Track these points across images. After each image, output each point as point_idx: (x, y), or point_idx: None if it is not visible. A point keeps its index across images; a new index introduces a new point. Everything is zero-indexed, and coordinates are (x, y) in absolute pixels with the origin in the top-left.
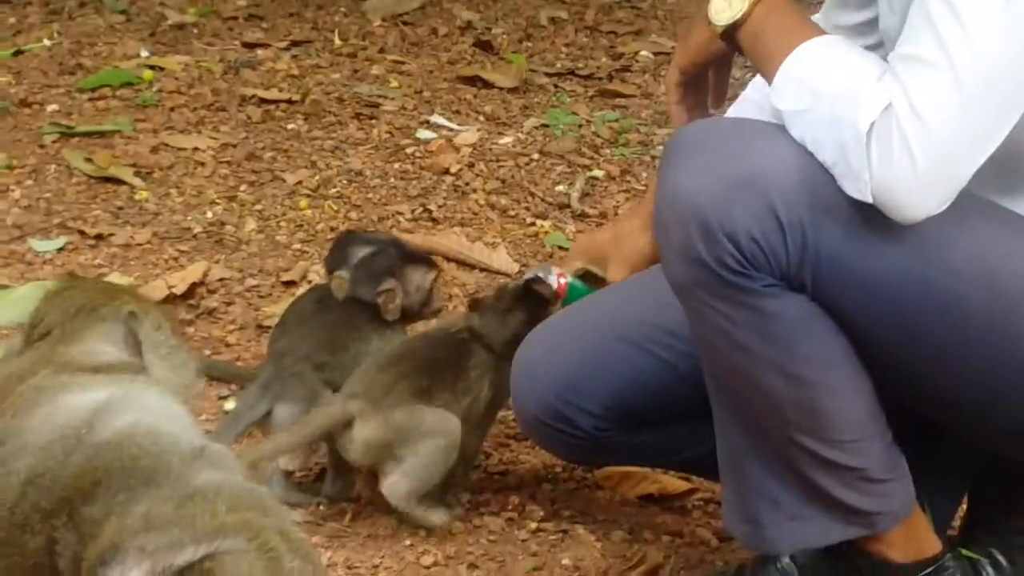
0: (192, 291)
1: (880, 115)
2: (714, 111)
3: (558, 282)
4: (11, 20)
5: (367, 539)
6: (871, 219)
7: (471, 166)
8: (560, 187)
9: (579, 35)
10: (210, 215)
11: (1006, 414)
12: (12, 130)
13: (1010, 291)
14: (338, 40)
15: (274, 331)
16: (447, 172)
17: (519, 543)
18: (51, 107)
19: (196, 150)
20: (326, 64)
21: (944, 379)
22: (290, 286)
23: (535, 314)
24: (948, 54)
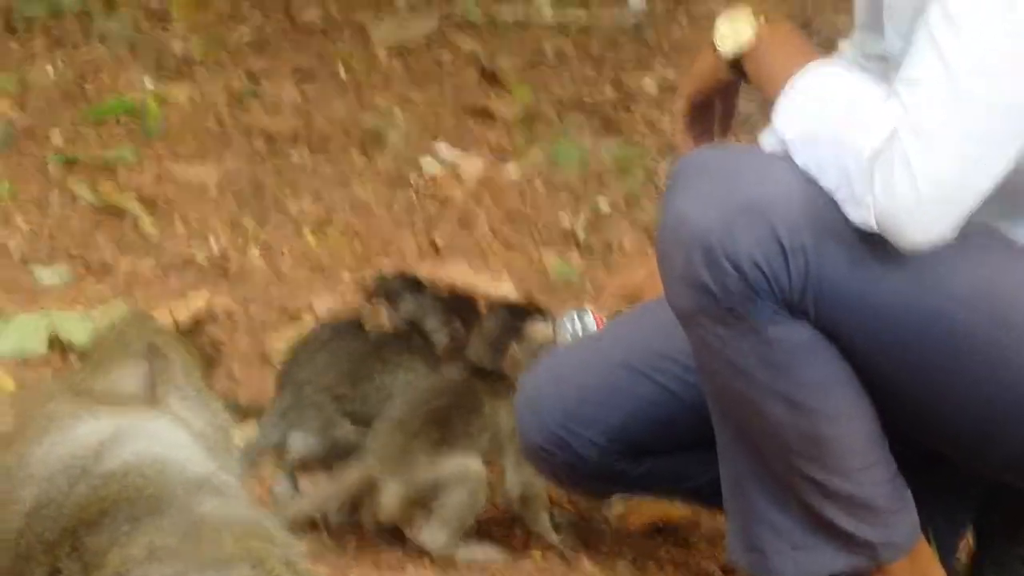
0: (196, 322)
1: (883, 141)
2: (721, 139)
3: (596, 323)
4: (16, 49)
5: (371, 569)
6: (874, 246)
7: (476, 197)
8: (565, 218)
9: (584, 67)
10: (214, 245)
11: (1008, 444)
12: (16, 159)
13: (1014, 321)
14: (343, 71)
15: (286, 363)
16: (452, 203)
17: (524, 573)
18: (55, 136)
19: (200, 180)
20: (331, 94)
21: (945, 408)
22: (295, 317)
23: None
24: (951, 77)
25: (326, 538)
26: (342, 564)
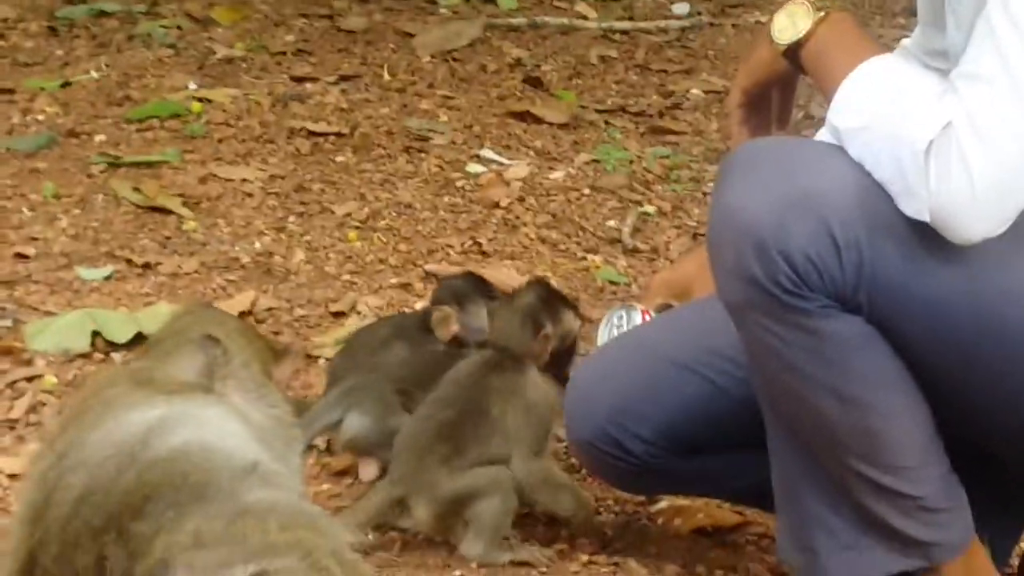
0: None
1: (939, 133)
2: (779, 134)
3: (643, 318)
4: (59, 52)
5: (417, 569)
6: (929, 240)
7: (521, 200)
8: (611, 222)
9: (629, 73)
10: (258, 245)
11: None
12: (60, 160)
13: None
14: (387, 75)
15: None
16: (497, 206)
17: (570, 574)
18: (99, 137)
19: (244, 181)
20: (375, 98)
21: (998, 407)
22: (339, 317)
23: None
24: (1010, 72)
25: (372, 538)
26: (388, 563)
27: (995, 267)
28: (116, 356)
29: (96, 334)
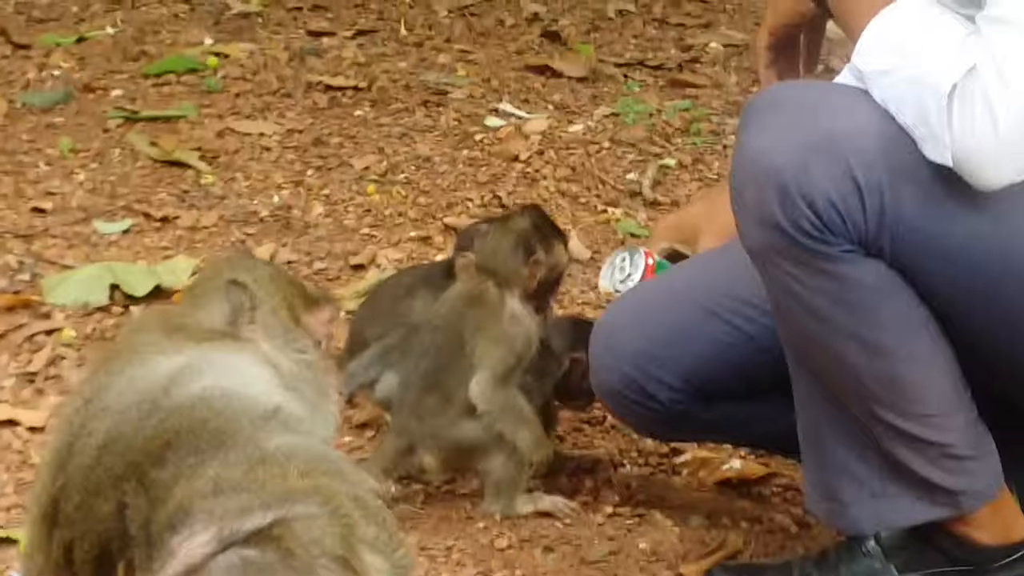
0: None
1: (963, 77)
2: (807, 76)
3: (646, 262)
4: (74, 8)
5: (440, 521)
6: (951, 185)
7: (540, 153)
8: (631, 175)
9: (647, 27)
10: (277, 199)
11: None
12: (76, 115)
13: None
14: (404, 30)
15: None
16: (516, 159)
17: (595, 527)
18: (115, 92)
19: (262, 135)
20: (392, 53)
21: (1022, 350)
22: (358, 269)
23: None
24: None
25: (395, 489)
26: (412, 515)
27: (1017, 211)
28: (135, 309)
29: (115, 287)
